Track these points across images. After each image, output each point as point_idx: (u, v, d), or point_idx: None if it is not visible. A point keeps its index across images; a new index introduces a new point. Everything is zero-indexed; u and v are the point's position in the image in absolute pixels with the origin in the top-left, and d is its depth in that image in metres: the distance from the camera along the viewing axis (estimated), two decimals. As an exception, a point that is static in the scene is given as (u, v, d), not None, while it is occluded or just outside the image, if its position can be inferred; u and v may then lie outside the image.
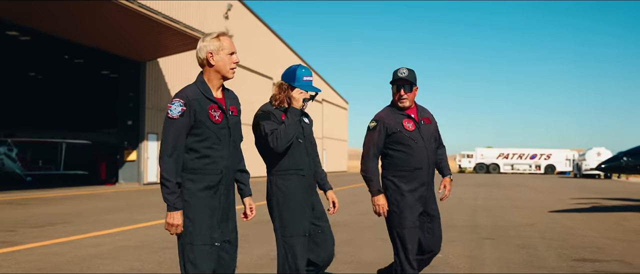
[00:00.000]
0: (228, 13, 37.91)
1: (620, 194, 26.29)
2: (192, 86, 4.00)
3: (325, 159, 61.88)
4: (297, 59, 53.55)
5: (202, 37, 4.07)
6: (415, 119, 5.24)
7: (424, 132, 5.24)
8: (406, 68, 5.23)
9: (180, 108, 3.85)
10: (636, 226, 12.94)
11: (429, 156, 5.22)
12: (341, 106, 69.77)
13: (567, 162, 73.72)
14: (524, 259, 8.19)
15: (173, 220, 3.88)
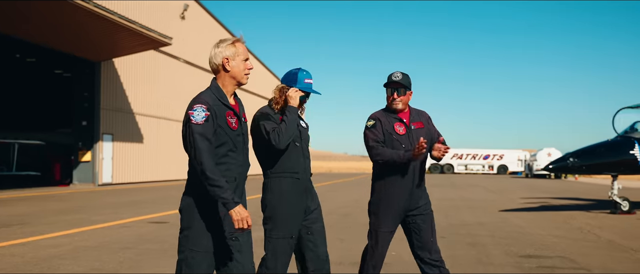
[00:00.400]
0: (184, 13, 37.79)
1: (568, 194, 27.10)
2: (208, 92, 3.98)
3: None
4: (254, 60, 53.53)
5: (216, 43, 4.09)
6: (407, 124, 5.33)
7: (414, 137, 5.29)
8: (400, 72, 5.35)
9: (203, 113, 3.82)
10: (582, 224, 13.46)
11: (416, 161, 5.26)
12: (298, 107, 69.97)
13: (519, 162, 75.18)
14: (473, 256, 8.55)
15: (240, 215, 3.75)
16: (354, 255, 8.48)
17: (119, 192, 24.67)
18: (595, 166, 16.65)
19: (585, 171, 17.32)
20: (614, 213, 16.25)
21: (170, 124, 36.76)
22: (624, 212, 16.16)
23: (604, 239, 10.85)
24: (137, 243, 9.69)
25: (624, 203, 16.34)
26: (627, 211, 16.19)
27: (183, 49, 37.78)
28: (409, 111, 5.41)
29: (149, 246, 9.30)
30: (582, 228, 12.73)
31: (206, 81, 21.76)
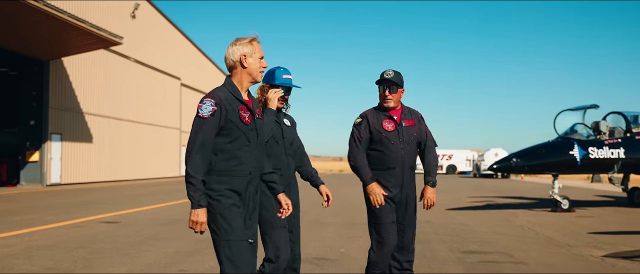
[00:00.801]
0: (135, 12, 37.53)
1: (513, 193, 27.89)
2: (222, 88, 4.07)
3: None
4: (206, 60, 53.38)
5: (234, 41, 4.15)
6: (397, 121, 5.44)
7: (404, 134, 5.42)
8: (392, 70, 5.48)
9: (211, 108, 3.90)
10: (523, 221, 14.01)
11: (405, 156, 5.40)
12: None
13: (467, 162, 76.47)
14: (418, 251, 8.89)
15: (198, 217, 3.80)
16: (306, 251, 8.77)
17: (69, 192, 24.44)
18: (537, 166, 17.28)
19: (527, 171, 17.97)
20: (554, 211, 16.88)
21: (120, 123, 36.45)
22: (564, 210, 16.80)
23: (542, 235, 11.37)
24: (89, 242, 9.78)
25: (564, 202, 17.00)
26: (567, 209, 16.84)
27: (134, 49, 37.51)
28: (401, 108, 5.54)
29: (102, 245, 9.40)
30: (523, 225, 13.26)
31: (157, 80, 22.15)
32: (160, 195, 22.70)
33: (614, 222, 14.26)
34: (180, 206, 17.16)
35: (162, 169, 42.87)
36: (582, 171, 18.03)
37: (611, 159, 17.63)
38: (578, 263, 8.21)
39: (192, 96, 48.99)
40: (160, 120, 42.51)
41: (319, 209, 15.45)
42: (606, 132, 18.13)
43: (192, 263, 7.92)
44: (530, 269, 7.68)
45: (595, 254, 8.96)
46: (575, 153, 17.11)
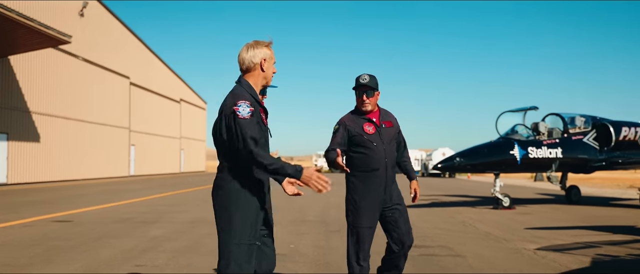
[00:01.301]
0: (83, 11, 37.20)
1: (459, 192, 28.72)
2: (244, 90, 4.15)
3: (182, 160, 61.69)
4: (155, 58, 53.09)
5: (252, 44, 4.24)
6: (376, 123, 5.56)
7: (384, 135, 5.54)
8: (368, 74, 5.58)
9: (249, 109, 3.98)
10: (465, 218, 14.65)
11: (387, 157, 5.51)
12: (199, 106, 69.72)
13: (416, 162, 77.63)
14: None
15: (312, 174, 3.96)
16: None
17: (17, 192, 24.22)
18: (479, 165, 17.99)
19: (470, 170, 18.68)
20: (495, 208, 17.62)
21: (68, 122, 36.09)
22: (505, 207, 17.55)
23: (482, 231, 11.99)
24: (44, 240, 9.94)
25: (505, 199, 17.74)
26: (507, 206, 17.59)
27: (83, 47, 37.18)
28: (379, 110, 5.67)
29: (57, 243, 9.59)
30: (464, 221, 13.89)
31: (106, 79, 22.28)
32: (110, 194, 22.72)
33: (550, 218, 14.99)
34: (131, 205, 17.31)
35: (111, 169, 42.55)
36: (521, 170, 18.82)
37: (549, 158, 18.47)
38: (511, 256, 8.79)
39: (141, 95, 48.71)
40: (109, 119, 42.19)
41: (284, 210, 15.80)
42: (545, 133, 18.97)
43: (147, 259, 8.21)
44: (466, 261, 8.21)
45: (528, 248, 9.56)
46: (515, 153, 17.88)
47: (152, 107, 51.69)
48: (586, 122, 19.78)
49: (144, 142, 49.37)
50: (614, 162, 19.86)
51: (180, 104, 60.68)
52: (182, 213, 15.22)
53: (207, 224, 12.51)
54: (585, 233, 11.66)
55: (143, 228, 11.70)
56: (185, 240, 10.09)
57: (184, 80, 62.29)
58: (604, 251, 9.35)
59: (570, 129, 19.39)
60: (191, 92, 65.79)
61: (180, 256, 8.46)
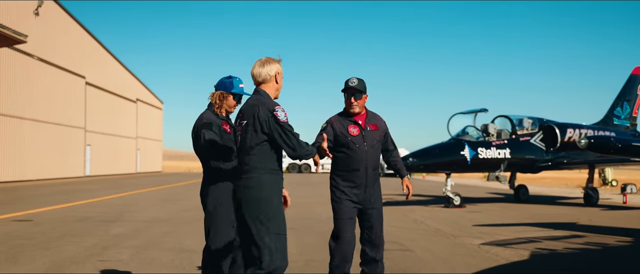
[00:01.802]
0: (39, 10, 36.89)
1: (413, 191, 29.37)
2: (267, 98, 4.80)
3: (139, 160, 61.36)
4: (110, 58, 52.70)
5: (265, 60, 4.87)
6: (362, 126, 5.91)
7: (368, 137, 5.90)
8: (356, 78, 5.93)
9: (284, 113, 4.67)
10: (418, 216, 15.22)
11: (369, 159, 5.87)
12: (156, 106, 69.37)
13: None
14: (317, 242, 9.85)
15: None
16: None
17: (-29, 193, 24.01)
18: (432, 165, 18.64)
19: (423, 170, 19.33)
20: (447, 207, 18.27)
21: (22, 122, 35.71)
22: (456, 206, 18.21)
23: (432, 227, 12.57)
24: (6, 239, 10.14)
25: (456, 198, 18.41)
26: (458, 205, 18.26)
27: (38, 47, 36.84)
28: (366, 113, 6.01)
29: (20, 242, 9.81)
30: (416, 219, 14.47)
31: (62, 79, 22.50)
32: (67, 194, 22.73)
33: (497, 216, 15.68)
34: (90, 205, 17.46)
35: (67, 169, 42.16)
36: (472, 170, 19.56)
37: (498, 158, 19.23)
38: (457, 250, 9.36)
39: (97, 95, 48.38)
40: (64, 119, 41.81)
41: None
42: (494, 134, 19.72)
43: (111, 255, 8.54)
44: (415, 255, 8.75)
45: (474, 243, 10.16)
46: (465, 153, 18.57)
47: (108, 107, 51.35)
48: (533, 124, 20.60)
49: (100, 143, 49.03)
50: (559, 162, 20.74)
51: (136, 104, 60.34)
52: (140, 212, 15.47)
53: (165, 223, 12.82)
54: (528, 229, 12.32)
55: (104, 227, 11.96)
56: (146, 237, 10.41)
57: (140, 80, 61.93)
58: (543, 245, 9.99)
59: (518, 130, 20.18)
60: (148, 92, 65.43)
61: (142, 252, 8.80)
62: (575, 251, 9.55)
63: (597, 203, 20.12)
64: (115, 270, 7.42)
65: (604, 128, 22.60)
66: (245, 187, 4.64)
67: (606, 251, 9.60)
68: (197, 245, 9.50)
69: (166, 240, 10.10)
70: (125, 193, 24.01)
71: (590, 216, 15.87)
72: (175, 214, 14.94)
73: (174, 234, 10.96)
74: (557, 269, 7.84)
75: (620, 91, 24.69)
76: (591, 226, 13.25)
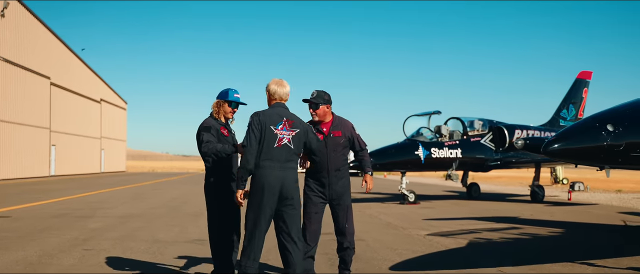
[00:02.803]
0: (4, 11, 37.20)
1: (373, 189, 30.62)
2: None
3: (103, 160, 61.59)
4: (76, 59, 52.93)
5: (280, 80, 6.05)
6: (325, 133, 6.59)
7: (330, 143, 6.59)
8: (317, 90, 6.62)
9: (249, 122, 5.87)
10: (373, 212, 16.36)
11: (330, 162, 6.60)
12: (120, 106, 69.57)
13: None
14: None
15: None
16: (187, 235, 10.55)
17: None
18: (388, 164, 19.82)
19: (379, 169, 20.49)
20: (402, 203, 19.44)
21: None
22: (410, 202, 19.40)
23: (384, 221, 13.72)
24: (-9, 232, 10.96)
25: (411, 195, 19.61)
26: (412, 201, 19.45)
27: (4, 48, 37.15)
28: (332, 121, 6.70)
29: (5, 234, 10.64)
30: (372, 214, 15.60)
31: (26, 79, 23.51)
32: (38, 193, 23.33)
33: (448, 211, 16.89)
34: (63, 203, 18.22)
35: (32, 169, 42.40)
36: (425, 168, 20.77)
37: (450, 158, 20.50)
38: (404, 239, 10.50)
39: (62, 95, 48.63)
40: (29, 119, 42.07)
41: (198, 204, 17.17)
42: (446, 135, 20.98)
43: (93, 244, 9.48)
44: (366, 243, 9.86)
45: (420, 234, 11.30)
46: (419, 153, 19.79)
47: (73, 107, 51.60)
48: (484, 125, 21.92)
49: (64, 143, 49.29)
50: (508, 161, 22.13)
51: (100, 104, 60.57)
52: (113, 208, 16.32)
53: (138, 218, 13.73)
54: (472, 223, 13.54)
55: (81, 222, 12.82)
56: (122, 231, 11.33)
57: (104, 80, 62.17)
58: (482, 235, 11.18)
59: (470, 131, 21.47)
60: (112, 93, 65.64)
61: (121, 242, 9.75)
62: (508, 240, 10.76)
63: (543, 200, 21.52)
64: (99, 257, 8.36)
65: (551, 129, 24.02)
66: (296, 180, 5.92)
67: (536, 240, 10.84)
68: (169, 237, 10.50)
69: (140, 233, 11.02)
70: (95, 192, 24.71)
71: (533, 211, 17.19)
72: (146, 211, 15.81)
73: (147, 228, 11.88)
74: (489, 254, 9.00)
75: (567, 93, 26.23)
76: (530, 220, 14.54)
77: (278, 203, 5.72)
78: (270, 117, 5.74)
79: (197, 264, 7.95)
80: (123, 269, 7.52)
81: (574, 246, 10.24)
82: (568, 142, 6.62)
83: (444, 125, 21.26)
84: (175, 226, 12.12)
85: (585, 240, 11.07)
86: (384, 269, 7.68)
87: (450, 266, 7.87)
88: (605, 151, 6.42)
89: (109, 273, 7.28)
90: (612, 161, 6.79)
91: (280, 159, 5.70)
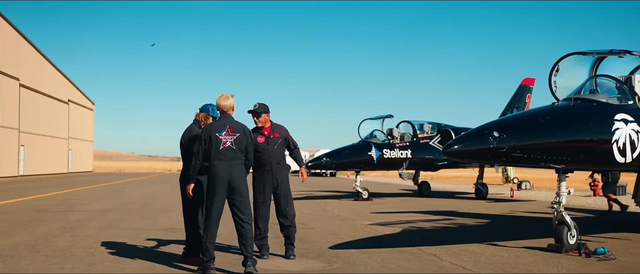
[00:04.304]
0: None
1: (333, 188, 32.42)
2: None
3: (70, 160, 62.37)
4: (44, 60, 53.74)
5: (229, 95, 7.54)
6: (267, 135, 8.47)
7: (271, 142, 8.45)
8: (259, 103, 8.50)
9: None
10: (329, 207, 18.05)
11: (272, 158, 8.44)
12: (87, 107, 70.31)
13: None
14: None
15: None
16: (159, 225, 12.14)
17: None
18: (343, 164, 21.63)
19: (335, 168, 22.28)
20: (356, 200, 21.16)
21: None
22: (364, 199, 21.13)
23: (336, 214, 15.46)
24: (-15, 223, 12.38)
25: (364, 192, 21.36)
26: (366, 198, 21.20)
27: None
28: (271, 125, 8.57)
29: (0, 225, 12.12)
30: (327, 209, 17.31)
31: None
32: (13, 192, 24.49)
33: (395, 206, 18.68)
34: (40, 200, 19.59)
35: (1, 169, 43.21)
36: (378, 168, 22.60)
37: (401, 158, 22.34)
38: (348, 227, 12.24)
39: (31, 96, 49.47)
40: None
41: (167, 201, 18.71)
42: (398, 137, 22.83)
43: (80, 231, 11.02)
44: (314, 231, 11.56)
45: (363, 223, 13.05)
46: (372, 154, 21.59)
47: (41, 108, 52.44)
48: (433, 128, 23.82)
49: (33, 143, 50.13)
50: (455, 161, 23.98)
51: (68, 105, 61.37)
52: (89, 204, 17.77)
53: (114, 212, 15.24)
54: (412, 215, 15.33)
55: (63, 215, 14.29)
56: (102, 222, 12.85)
57: (72, 81, 62.97)
58: (416, 225, 12.97)
59: (419, 133, 23.37)
60: (79, 94, 66.43)
61: (103, 230, 11.29)
62: (437, 228, 12.57)
63: (486, 197, 23.46)
64: (87, 240, 9.90)
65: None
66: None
67: (461, 228, 12.69)
68: (145, 226, 12.08)
69: (119, 223, 12.56)
70: (68, 190, 26.02)
71: (472, 206, 19.08)
72: (120, 206, 17.30)
73: (124, 220, 13.42)
74: (415, 238, 10.74)
75: (511, 98, 28.28)
76: (465, 213, 16.40)
77: (228, 192, 7.28)
78: (216, 127, 7.38)
79: (169, 244, 9.56)
80: (110, 248, 9.09)
81: (489, 232, 12.05)
82: (463, 145, 8.40)
83: (396, 128, 23.11)
84: (148, 218, 13.67)
85: (503, 228, 12.96)
86: (324, 249, 9.33)
87: (378, 246, 9.57)
88: (492, 152, 8.23)
89: (100, 251, 8.84)
90: (497, 160, 8.63)
91: (226, 157, 7.26)
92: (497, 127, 8.37)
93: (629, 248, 9.82)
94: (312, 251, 9.14)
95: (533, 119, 8.87)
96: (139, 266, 7.76)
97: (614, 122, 9.15)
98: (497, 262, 8.25)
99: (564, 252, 8.92)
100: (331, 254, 8.76)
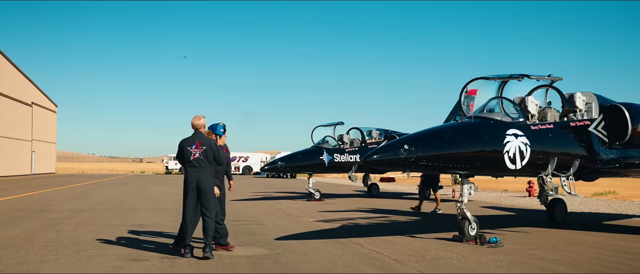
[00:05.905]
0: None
1: (290, 189, 34.27)
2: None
3: (33, 162, 63.17)
4: (7, 62, 54.55)
5: (201, 116, 9.55)
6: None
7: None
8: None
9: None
10: (282, 206, 19.94)
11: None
12: (50, 109, 71.05)
13: (261, 163, 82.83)
14: (202, 220, 14.37)
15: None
16: (130, 222, 13.93)
17: None
18: (297, 167, 23.70)
19: (289, 171, 24.27)
20: (309, 200, 23.09)
21: None
22: (316, 199, 23.06)
23: (287, 213, 17.39)
24: (-26, 221, 13.98)
25: (317, 193, 23.31)
26: (318, 199, 23.13)
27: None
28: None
29: (-13, 222, 13.74)
30: (280, 208, 19.22)
31: None
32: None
33: (343, 206, 20.64)
34: (13, 201, 21.11)
35: None
36: (329, 171, 24.62)
37: (350, 162, 24.37)
38: (294, 223, 14.20)
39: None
40: None
41: (133, 202, 20.42)
42: (348, 143, 24.86)
43: (62, 226, 12.77)
44: (264, 226, 13.49)
45: (309, 220, 15.00)
46: (324, 158, 23.59)
47: (4, 111, 53.31)
48: (380, 134, 25.89)
49: (-3, 145, 51.01)
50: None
51: (31, 107, 62.18)
52: (62, 205, 19.38)
53: (87, 211, 16.92)
54: (355, 213, 17.34)
55: (40, 214, 15.93)
56: (78, 220, 14.55)
57: (35, 84, 63.75)
58: (355, 221, 14.97)
59: (368, 139, 25.42)
60: (43, 96, 67.19)
61: (82, 226, 13.05)
62: (372, 224, 14.60)
63: (429, 197, 25.57)
64: (71, 233, 11.66)
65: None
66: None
67: (391, 224, 14.74)
68: (117, 223, 13.85)
69: (94, 220, 14.30)
70: (37, 192, 27.42)
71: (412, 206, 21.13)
72: (91, 206, 18.97)
73: (98, 218, 15.15)
74: (349, 231, 12.71)
75: (453, 107, 30.49)
76: (401, 211, 18.49)
77: (197, 193, 9.23)
78: (188, 142, 9.42)
79: (141, 235, 11.40)
80: (91, 240, 10.88)
81: (413, 227, 14.10)
82: (379, 155, 10.41)
83: (346, 134, 25.14)
84: (119, 217, 15.43)
85: (426, 224, 15.03)
86: (270, 240, 11.25)
87: (315, 238, 11.51)
88: (402, 161, 10.27)
89: (83, 242, 10.62)
90: (407, 168, 10.71)
91: (196, 166, 9.24)
92: (408, 141, 10.43)
93: (519, 239, 11.98)
94: (259, 241, 11.05)
95: (438, 134, 10.97)
96: (118, 252, 9.59)
97: (506, 136, 11.30)
98: (408, 249, 10.29)
99: (464, 242, 11.02)
100: (275, 244, 10.69)
